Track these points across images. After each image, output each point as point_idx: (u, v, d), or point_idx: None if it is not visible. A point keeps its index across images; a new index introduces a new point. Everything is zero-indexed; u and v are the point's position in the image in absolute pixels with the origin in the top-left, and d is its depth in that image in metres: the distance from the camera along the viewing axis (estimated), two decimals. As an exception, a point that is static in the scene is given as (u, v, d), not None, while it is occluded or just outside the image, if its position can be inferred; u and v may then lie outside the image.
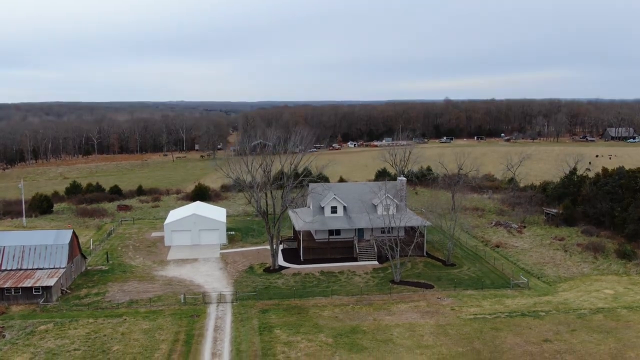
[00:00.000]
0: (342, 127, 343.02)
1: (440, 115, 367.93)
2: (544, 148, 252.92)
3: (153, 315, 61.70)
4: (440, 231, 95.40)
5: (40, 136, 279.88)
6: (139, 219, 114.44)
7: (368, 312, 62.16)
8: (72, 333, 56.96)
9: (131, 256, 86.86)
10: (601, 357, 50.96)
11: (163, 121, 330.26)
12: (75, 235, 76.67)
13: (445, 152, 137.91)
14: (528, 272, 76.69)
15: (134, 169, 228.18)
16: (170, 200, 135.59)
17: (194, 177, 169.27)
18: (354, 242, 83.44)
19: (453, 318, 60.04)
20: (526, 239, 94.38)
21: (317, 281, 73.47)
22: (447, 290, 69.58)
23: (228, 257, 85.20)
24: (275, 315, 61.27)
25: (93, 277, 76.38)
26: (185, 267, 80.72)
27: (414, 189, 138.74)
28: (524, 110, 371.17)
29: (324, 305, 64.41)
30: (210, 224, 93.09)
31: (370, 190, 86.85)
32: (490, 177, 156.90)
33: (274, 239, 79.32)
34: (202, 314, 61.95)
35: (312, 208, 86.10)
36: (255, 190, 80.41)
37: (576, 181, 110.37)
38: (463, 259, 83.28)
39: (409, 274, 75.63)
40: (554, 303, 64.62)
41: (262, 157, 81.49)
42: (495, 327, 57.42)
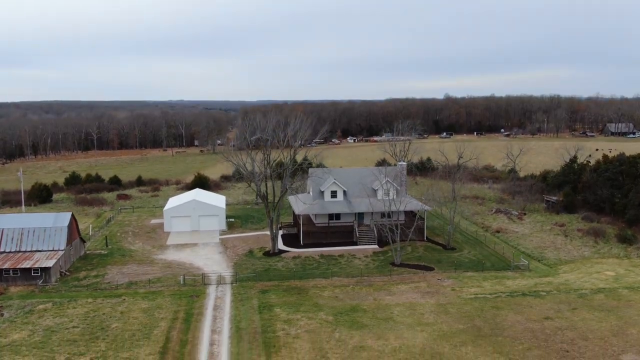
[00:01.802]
0: (341, 122, 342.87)
1: (440, 111, 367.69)
2: (544, 143, 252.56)
3: (152, 295, 61.55)
4: (440, 217, 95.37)
5: (40, 132, 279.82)
6: (138, 208, 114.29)
7: (368, 292, 61.96)
8: (71, 312, 56.78)
9: (130, 241, 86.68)
10: (602, 333, 50.73)
11: (163, 117, 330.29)
12: (74, 218, 76.44)
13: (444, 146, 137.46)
14: (529, 256, 76.47)
15: (133, 163, 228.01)
16: (170, 190, 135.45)
17: (194, 169, 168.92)
18: (354, 226, 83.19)
19: (453, 298, 59.85)
20: (526, 225, 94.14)
21: (317, 264, 73.28)
22: (447, 272, 69.38)
23: (227, 242, 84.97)
24: (275, 296, 61.07)
25: (92, 260, 76.19)
26: (185, 251, 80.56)
27: (414, 179, 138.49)
28: (523, 106, 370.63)
29: (324, 286, 64.26)
30: (210, 209, 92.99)
31: (371, 174, 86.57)
32: (490, 167, 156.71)
33: (273, 223, 79.09)
34: (201, 295, 61.80)
35: (311, 193, 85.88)
36: (255, 174, 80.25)
37: (577, 169, 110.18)
38: (463, 243, 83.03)
39: (409, 257, 75.39)
40: (554, 284, 64.43)
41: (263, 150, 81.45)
42: (496, 306, 57.22)
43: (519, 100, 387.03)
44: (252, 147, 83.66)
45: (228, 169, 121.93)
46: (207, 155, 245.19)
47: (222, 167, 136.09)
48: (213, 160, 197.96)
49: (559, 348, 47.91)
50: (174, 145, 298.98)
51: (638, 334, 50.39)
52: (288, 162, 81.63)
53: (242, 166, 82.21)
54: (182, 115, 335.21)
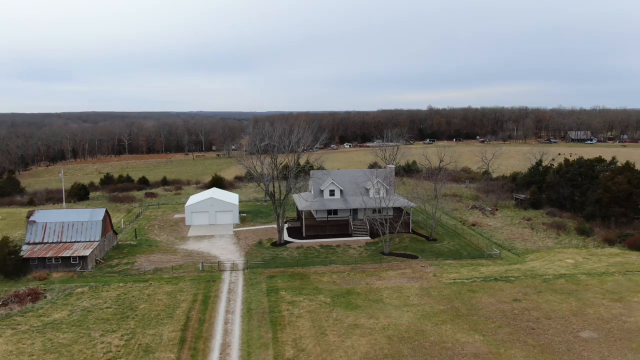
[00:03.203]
0: (339, 130, 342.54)
1: (424, 121, 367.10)
2: (514, 148, 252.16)
3: (175, 280, 61.51)
4: (424, 213, 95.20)
5: (79, 138, 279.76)
6: (163, 204, 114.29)
7: (361, 277, 61.87)
8: (105, 295, 56.74)
9: (156, 233, 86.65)
10: (563, 313, 50.59)
11: (185, 126, 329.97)
12: (108, 213, 76.35)
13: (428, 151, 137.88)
14: (500, 246, 76.35)
15: (159, 165, 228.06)
16: (191, 189, 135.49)
17: (211, 171, 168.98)
18: (349, 221, 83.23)
19: (435, 282, 59.73)
20: (498, 219, 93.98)
21: (317, 253, 73.21)
22: (429, 260, 69.30)
23: (240, 234, 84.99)
24: (280, 280, 61.02)
25: (123, 250, 76.13)
26: (203, 242, 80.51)
27: (401, 180, 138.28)
28: (495, 116, 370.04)
29: (323, 272, 64.17)
30: (225, 206, 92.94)
31: (364, 175, 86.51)
32: (467, 169, 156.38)
33: (279, 218, 79.09)
34: (217, 280, 61.77)
35: (312, 191, 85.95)
36: (264, 175, 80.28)
37: (542, 171, 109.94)
38: (444, 235, 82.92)
39: (397, 247, 75.33)
40: (522, 270, 64.29)
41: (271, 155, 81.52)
42: (472, 289, 57.11)
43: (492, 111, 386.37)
44: (262, 152, 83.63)
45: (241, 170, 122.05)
46: (223, 159, 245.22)
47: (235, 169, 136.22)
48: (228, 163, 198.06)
49: (526, 326, 47.80)
50: (194, 150, 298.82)
51: (594, 314, 50.27)
52: (292, 165, 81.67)
53: (253, 168, 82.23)
54: (201, 124, 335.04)
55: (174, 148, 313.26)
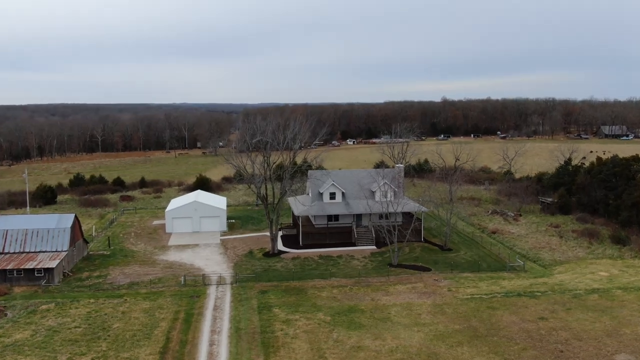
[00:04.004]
0: (341, 124, 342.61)
1: (438, 114, 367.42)
2: (539, 145, 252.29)
3: (153, 295, 61.35)
4: (437, 219, 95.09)
5: (46, 134, 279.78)
6: (140, 209, 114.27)
7: (366, 292, 61.71)
8: (73, 312, 56.54)
9: (133, 242, 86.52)
10: (596, 333, 50.40)
11: (166, 119, 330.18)
12: (77, 219, 76.23)
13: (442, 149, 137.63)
14: (524, 256, 76.18)
15: (136, 164, 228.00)
16: (172, 191, 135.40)
17: (196, 171, 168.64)
18: (352, 228, 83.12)
19: (450, 298, 59.57)
20: (522, 226, 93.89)
21: (316, 264, 73.07)
22: (444, 273, 69.14)
23: (228, 243, 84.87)
24: (274, 296, 60.85)
25: (94, 261, 76.02)
26: (186, 252, 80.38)
27: (412, 181, 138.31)
28: (519, 109, 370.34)
29: (323, 286, 64.01)
30: (211, 211, 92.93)
31: (369, 176, 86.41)
32: (486, 169, 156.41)
33: (273, 224, 78.91)
34: (201, 295, 61.59)
35: (311, 194, 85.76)
36: (256, 176, 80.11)
37: (571, 171, 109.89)
38: (460, 244, 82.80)
39: (407, 258, 75.17)
40: (549, 284, 64.12)
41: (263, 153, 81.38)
42: (492, 306, 56.93)
43: (515, 103, 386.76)
44: (253, 150, 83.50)
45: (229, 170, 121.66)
46: (209, 157, 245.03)
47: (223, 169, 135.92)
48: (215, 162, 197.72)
49: (554, 348, 47.61)
50: (176, 147, 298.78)
51: (631, 334, 50.08)
52: (288, 165, 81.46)
53: (243, 168, 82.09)
54: (184, 118, 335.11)
55: (154, 145, 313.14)
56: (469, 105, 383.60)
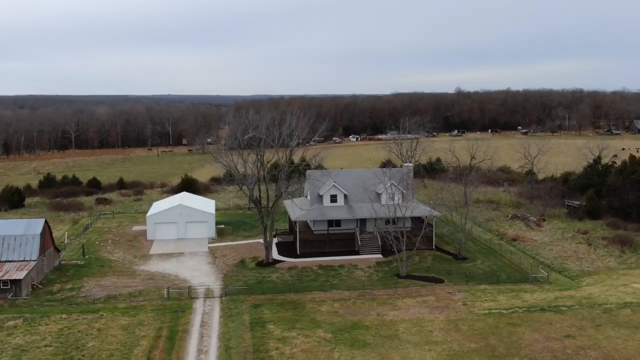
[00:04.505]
0: (343, 119, 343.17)
1: (451, 107, 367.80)
2: (565, 141, 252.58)
3: (133, 310, 61.35)
4: (450, 224, 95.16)
5: (12, 129, 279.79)
6: (119, 213, 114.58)
7: (371, 307, 61.76)
8: (43, 329, 56.50)
9: (110, 250, 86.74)
10: (629, 353, 50.39)
11: (147, 113, 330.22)
12: (48, 225, 76.25)
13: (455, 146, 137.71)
14: (548, 266, 76.35)
15: (114, 163, 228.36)
16: (154, 194, 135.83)
17: (181, 171, 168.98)
18: (355, 234, 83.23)
19: (465, 313, 59.62)
20: (546, 232, 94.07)
21: (315, 275, 73.22)
22: (458, 284, 69.24)
23: (217, 251, 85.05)
24: (268, 311, 60.88)
25: (67, 271, 76.08)
26: (170, 261, 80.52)
27: (422, 182, 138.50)
28: (542, 101, 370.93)
29: (323, 300, 64.08)
30: (198, 215, 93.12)
31: (374, 176, 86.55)
32: (505, 169, 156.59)
33: (267, 231, 78.98)
34: (187, 310, 61.59)
35: (309, 197, 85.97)
36: (248, 177, 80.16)
37: (601, 170, 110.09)
38: (476, 252, 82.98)
39: (417, 268, 75.30)
40: (577, 298, 64.19)
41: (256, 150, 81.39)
42: (512, 322, 56.95)
43: (538, 94, 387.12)
44: (245, 147, 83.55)
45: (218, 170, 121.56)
46: (195, 156, 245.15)
47: (211, 169, 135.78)
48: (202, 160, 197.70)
49: (582, 369, 47.55)
50: (159, 144, 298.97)
51: (669, 354, 50.04)
52: (284, 164, 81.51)
53: (234, 168, 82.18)
54: (168, 111, 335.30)
55: (134, 141, 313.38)
56: (487, 97, 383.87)
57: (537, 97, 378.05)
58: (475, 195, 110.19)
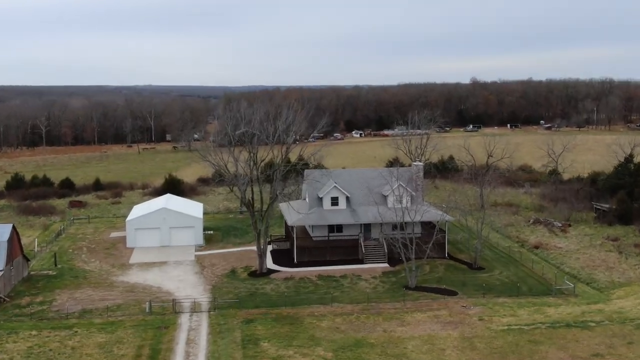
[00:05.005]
0: (345, 113, 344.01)
1: (466, 99, 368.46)
2: (593, 137, 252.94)
3: (111, 326, 61.38)
4: (465, 230, 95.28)
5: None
6: (95, 218, 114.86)
7: (376, 322, 61.87)
8: (11, 347, 56.56)
9: (85, 259, 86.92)
10: (665, 373, 50.49)
11: (127, 106, 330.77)
12: (16, 231, 76.37)
13: (471, 142, 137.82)
14: (574, 277, 76.53)
15: (90, 161, 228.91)
16: (135, 196, 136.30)
17: (165, 170, 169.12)
18: (359, 241, 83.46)
19: (482, 329, 59.71)
20: (572, 239, 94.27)
21: (314, 287, 73.46)
22: (474, 297, 69.38)
23: (205, 260, 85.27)
24: (262, 326, 60.99)
25: (37, 283, 76.17)
26: (152, 272, 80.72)
27: (433, 182, 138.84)
28: (568, 92, 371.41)
29: (323, 314, 64.19)
30: (184, 220, 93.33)
31: (379, 177, 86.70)
32: (527, 168, 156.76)
33: (261, 237, 79.12)
34: (171, 325, 61.63)
35: (308, 199, 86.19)
36: (240, 177, 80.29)
37: (633, 170, 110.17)
38: (494, 261, 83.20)
39: (427, 279, 75.51)
40: (606, 312, 64.30)
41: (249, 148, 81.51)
42: (534, 339, 57.06)
43: (563, 84, 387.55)
44: (236, 144, 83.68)
45: (206, 170, 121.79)
46: (181, 153, 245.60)
47: (199, 168, 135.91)
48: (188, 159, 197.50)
49: (612, 392, 47.67)
50: (140, 140, 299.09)
51: None
52: (279, 162, 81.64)
53: (223, 167, 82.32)
54: (150, 104, 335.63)
55: (112, 137, 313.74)
56: (505, 88, 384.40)
57: (562, 88, 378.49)
58: (492, 198, 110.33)
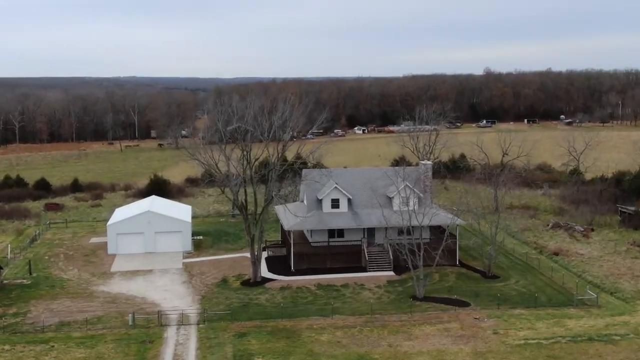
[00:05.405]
0: (347, 107, 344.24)
1: (478, 92, 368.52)
2: (618, 133, 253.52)
3: (90, 341, 61.40)
4: (478, 235, 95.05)
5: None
6: (73, 222, 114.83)
7: (381, 336, 61.90)
8: (-19, 363, 56.56)
9: (62, 267, 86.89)
10: (696, 391, 50.50)
11: (108, 100, 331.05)
12: (-14, 236, 76.19)
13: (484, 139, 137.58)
14: (597, 286, 76.48)
15: (68, 160, 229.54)
16: (117, 197, 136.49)
17: (150, 170, 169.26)
18: (362, 247, 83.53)
19: (497, 344, 59.77)
20: (595, 244, 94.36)
21: (313, 297, 73.52)
22: (488, 308, 69.38)
23: (194, 268, 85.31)
24: (256, 341, 61.01)
25: (10, 293, 76.09)
26: (136, 281, 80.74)
27: (443, 183, 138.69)
28: (590, 84, 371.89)
29: (322, 327, 64.22)
30: (171, 224, 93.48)
31: (384, 177, 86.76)
32: (545, 167, 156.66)
33: (255, 243, 79.17)
34: (156, 340, 61.65)
35: (306, 202, 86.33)
36: (232, 177, 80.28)
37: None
38: (509, 269, 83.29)
39: (437, 288, 75.54)
40: (632, 324, 64.36)
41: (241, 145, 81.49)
42: (554, 355, 57.18)
43: (585, 76, 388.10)
44: (227, 141, 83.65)
45: (195, 169, 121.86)
46: (167, 151, 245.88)
47: (187, 168, 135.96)
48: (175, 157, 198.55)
49: (638, 412, 47.70)
50: (122, 137, 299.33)
51: None
52: (275, 161, 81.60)
53: (214, 166, 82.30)
54: (134, 97, 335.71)
55: (91, 134, 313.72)
56: (522, 80, 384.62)
57: (584, 80, 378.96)
58: (508, 200, 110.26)
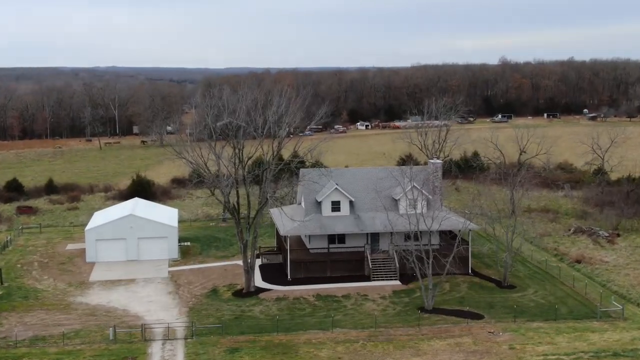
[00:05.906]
0: (348, 100, 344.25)
1: (493, 84, 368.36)
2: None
3: (68, 356, 61.53)
4: (492, 240, 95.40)
5: None
6: (48, 227, 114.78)
7: (386, 351, 62.03)
8: (-52, 381, 56.81)
9: (36, 276, 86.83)
10: None
11: (85, 92, 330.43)
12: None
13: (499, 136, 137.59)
14: (623, 297, 76.74)
15: (42, 159, 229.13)
16: (96, 200, 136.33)
17: (132, 170, 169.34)
18: (365, 254, 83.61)
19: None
20: (621, 251, 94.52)
21: (312, 309, 73.62)
22: (503, 321, 69.56)
23: (181, 277, 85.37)
24: (249, 356, 61.16)
25: (-20, 304, 76.08)
26: (117, 291, 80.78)
27: (454, 184, 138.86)
28: (616, 75, 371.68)
29: (322, 341, 64.31)
30: (155, 229, 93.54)
31: (389, 177, 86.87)
32: (567, 166, 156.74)
33: (248, 249, 79.36)
34: (140, 356, 61.76)
35: (304, 204, 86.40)
36: (222, 177, 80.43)
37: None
38: (527, 279, 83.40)
39: (447, 299, 75.72)
40: (661, 339, 64.56)
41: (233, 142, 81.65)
42: (575, 371, 57.40)
43: (611, 66, 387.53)
44: (217, 138, 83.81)
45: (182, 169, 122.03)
46: (151, 149, 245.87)
47: (173, 167, 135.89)
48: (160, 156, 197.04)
49: None
50: (102, 133, 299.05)
51: None
52: (270, 160, 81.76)
53: (203, 165, 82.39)
54: (114, 89, 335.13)
55: (67, 130, 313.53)
56: (541, 71, 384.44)
57: (610, 70, 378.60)
58: (525, 202, 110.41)
